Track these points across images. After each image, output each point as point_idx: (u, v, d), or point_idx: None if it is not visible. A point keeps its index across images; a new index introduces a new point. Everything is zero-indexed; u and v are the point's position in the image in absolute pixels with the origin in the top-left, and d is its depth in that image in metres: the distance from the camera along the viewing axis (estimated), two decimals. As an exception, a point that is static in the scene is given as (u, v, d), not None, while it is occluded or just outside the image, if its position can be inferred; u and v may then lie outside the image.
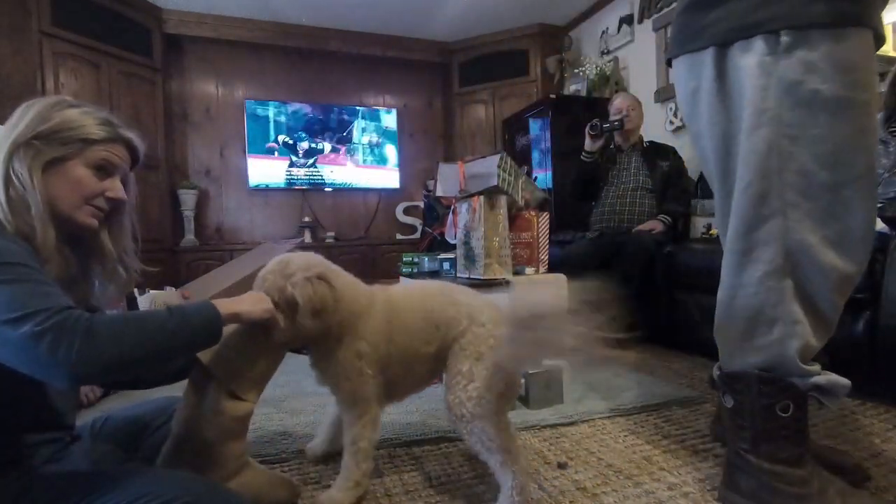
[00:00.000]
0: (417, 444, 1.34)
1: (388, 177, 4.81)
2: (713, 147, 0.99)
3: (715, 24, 0.95)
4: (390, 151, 4.81)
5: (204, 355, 0.92)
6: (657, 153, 2.77)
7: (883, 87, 1.84)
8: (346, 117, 4.65)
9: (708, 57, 0.96)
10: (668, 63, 1.14)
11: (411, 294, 1.11)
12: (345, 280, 1.05)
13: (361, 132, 4.71)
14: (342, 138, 4.65)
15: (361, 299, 1.04)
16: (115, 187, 0.86)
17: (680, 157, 2.78)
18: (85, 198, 0.83)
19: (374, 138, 4.75)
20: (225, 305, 0.85)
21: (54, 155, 0.80)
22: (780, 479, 0.93)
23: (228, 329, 0.91)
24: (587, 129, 2.70)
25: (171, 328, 0.75)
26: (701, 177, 2.81)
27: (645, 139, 2.85)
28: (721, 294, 1.01)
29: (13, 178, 0.77)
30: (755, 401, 0.95)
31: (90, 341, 0.66)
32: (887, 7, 2.37)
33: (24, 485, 0.75)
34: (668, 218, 2.58)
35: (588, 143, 2.73)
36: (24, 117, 0.80)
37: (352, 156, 4.69)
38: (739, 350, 0.98)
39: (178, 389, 1.29)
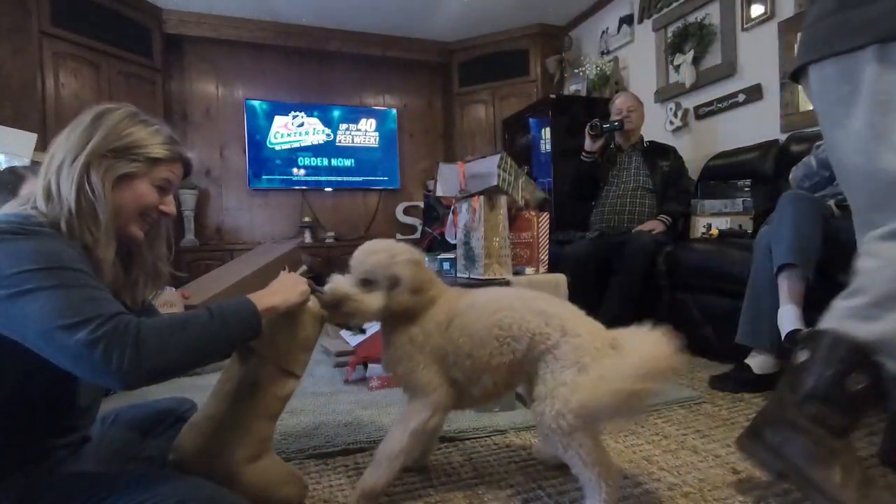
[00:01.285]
0: (417, 444, 1.34)
1: (388, 177, 4.81)
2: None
3: (881, 19, 0.87)
4: (390, 151, 4.81)
5: None
6: (657, 153, 2.77)
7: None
8: (346, 117, 4.66)
9: (868, 55, 0.88)
10: (795, 76, 1.06)
11: (481, 301, 1.07)
12: (430, 273, 1.10)
13: (361, 132, 4.71)
14: (342, 138, 4.65)
15: (434, 291, 1.07)
16: (168, 202, 0.92)
17: (680, 158, 2.78)
18: (143, 211, 0.87)
19: (374, 138, 4.75)
20: (262, 300, 0.88)
21: (125, 171, 0.83)
22: (813, 440, 0.90)
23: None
24: (587, 128, 2.70)
25: (213, 331, 0.79)
26: (701, 177, 2.81)
27: (645, 139, 2.85)
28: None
29: (87, 187, 0.79)
30: (833, 363, 0.91)
31: (139, 350, 0.68)
32: None
33: (32, 484, 0.76)
34: (668, 218, 2.58)
35: (588, 143, 2.73)
36: (97, 128, 0.82)
37: (352, 155, 4.69)
38: (862, 316, 0.92)
39: (185, 390, 1.29)
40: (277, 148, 4.45)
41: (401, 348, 1.04)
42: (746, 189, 2.47)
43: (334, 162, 4.65)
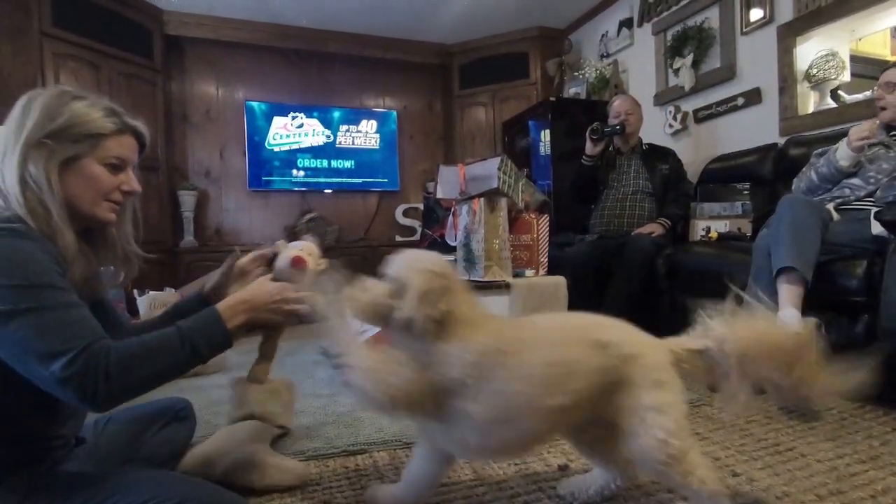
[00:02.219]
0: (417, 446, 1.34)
1: (387, 179, 4.81)
2: None
3: None
4: (390, 153, 4.82)
5: None
6: (657, 156, 2.77)
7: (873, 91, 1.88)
8: (345, 119, 4.66)
9: None
10: None
11: (543, 331, 0.90)
12: (467, 295, 0.88)
13: (361, 134, 4.72)
14: (342, 140, 4.66)
15: (475, 310, 0.87)
16: (129, 180, 0.86)
17: (679, 160, 2.79)
18: (103, 195, 0.83)
19: (374, 140, 4.76)
20: (233, 319, 0.85)
21: (68, 154, 0.78)
22: None
23: None
24: (588, 132, 2.70)
25: (181, 359, 0.78)
26: (700, 180, 2.82)
27: (644, 142, 2.85)
28: None
29: (29, 181, 0.75)
30: None
31: (109, 382, 0.69)
32: (881, 12, 2.37)
33: (32, 484, 0.76)
34: (667, 221, 2.59)
35: (589, 147, 2.73)
36: (29, 114, 0.77)
37: (351, 157, 4.70)
38: None
39: (181, 391, 1.29)
40: (277, 149, 4.46)
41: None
42: (745, 192, 2.48)
43: (334, 163, 4.65)
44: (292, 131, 4.49)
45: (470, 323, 0.83)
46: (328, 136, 4.61)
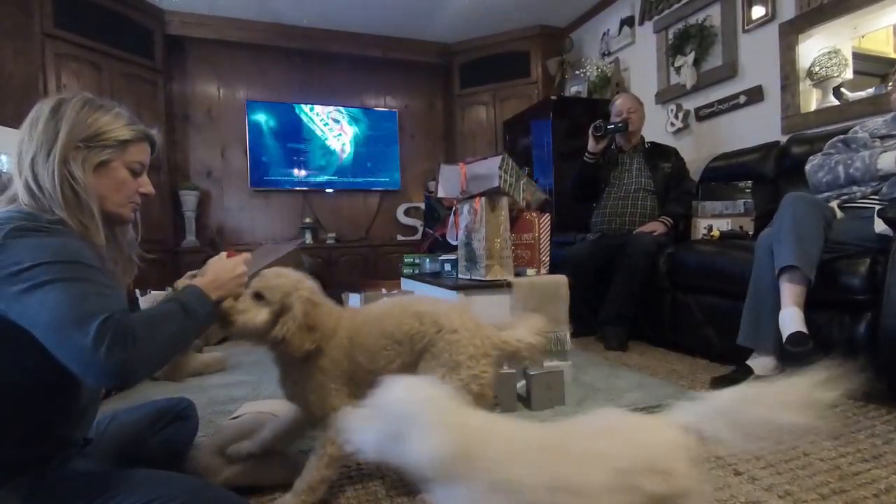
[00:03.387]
0: (419, 446, 1.34)
1: (388, 178, 4.81)
2: None
3: None
4: (391, 152, 4.81)
5: None
6: (659, 155, 2.77)
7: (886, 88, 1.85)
8: (345, 118, 4.66)
9: None
10: None
11: (372, 314, 1.09)
12: (326, 307, 1.05)
13: (362, 133, 4.72)
14: (342, 139, 4.66)
15: (331, 322, 1.04)
16: (145, 183, 0.94)
17: (681, 159, 2.78)
18: (128, 197, 0.91)
19: (375, 139, 4.76)
20: (212, 294, 0.90)
21: (101, 158, 0.86)
22: None
23: None
24: (591, 129, 2.70)
25: (188, 325, 0.83)
26: (702, 178, 2.81)
27: (646, 140, 2.85)
28: None
29: (69, 179, 0.81)
30: None
31: (135, 348, 0.72)
32: (884, 9, 2.36)
33: (38, 484, 0.76)
34: (669, 220, 2.58)
35: (591, 145, 2.73)
36: (60, 120, 0.83)
37: (352, 157, 4.70)
38: None
39: (182, 391, 1.29)
40: (278, 148, 4.46)
41: (311, 379, 1.02)
42: (747, 190, 2.47)
43: (334, 162, 4.65)
44: (294, 131, 4.48)
45: (330, 333, 1.02)
46: (327, 133, 4.61)
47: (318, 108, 4.57)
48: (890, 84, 1.83)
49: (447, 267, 2.08)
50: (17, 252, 0.71)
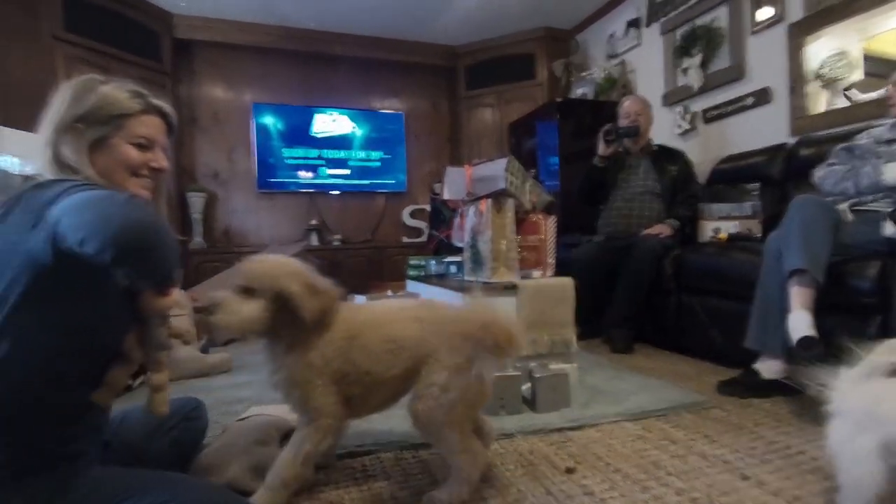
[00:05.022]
0: (424, 448, 1.34)
1: (394, 180, 4.82)
2: None
3: None
4: (397, 155, 4.83)
5: None
6: (666, 157, 2.75)
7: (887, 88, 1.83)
8: (351, 120, 4.68)
9: None
10: None
11: (376, 316, 1.08)
12: (325, 291, 1.02)
13: (368, 135, 4.73)
14: (349, 142, 4.67)
15: (332, 313, 1.03)
16: (157, 157, 0.90)
17: (689, 162, 2.76)
18: (132, 170, 0.87)
19: (381, 142, 4.77)
20: None
21: (97, 135, 0.83)
22: None
23: None
24: (602, 133, 2.69)
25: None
26: (709, 180, 2.80)
27: (654, 143, 2.84)
28: None
29: (63, 161, 0.81)
30: None
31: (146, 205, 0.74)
32: (893, 10, 2.33)
33: (59, 483, 0.77)
34: (676, 222, 2.57)
35: (601, 148, 2.72)
36: (61, 101, 0.83)
37: (358, 159, 4.71)
38: None
39: (190, 391, 1.30)
40: (284, 151, 4.48)
41: (298, 373, 0.99)
42: (755, 193, 2.46)
43: (340, 164, 4.67)
44: (300, 133, 4.51)
45: (327, 322, 1.01)
46: (333, 135, 4.63)
47: (323, 110, 4.59)
48: (890, 86, 1.80)
49: (453, 269, 2.08)
50: (42, 193, 0.72)
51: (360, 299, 2.38)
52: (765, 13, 2.77)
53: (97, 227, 0.67)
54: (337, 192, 4.68)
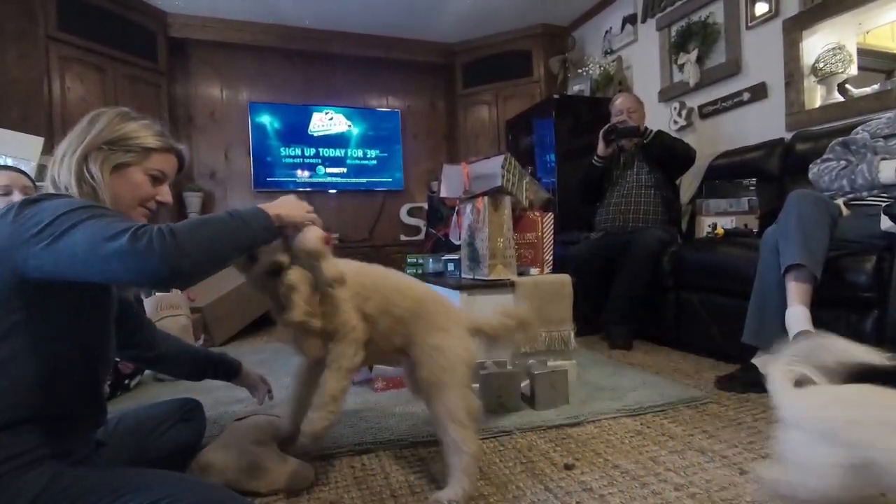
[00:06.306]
0: (423, 446, 1.34)
1: (391, 178, 4.81)
2: None
3: None
4: (394, 153, 4.82)
5: None
6: (648, 144, 2.73)
7: (890, 85, 1.82)
8: (348, 119, 4.67)
9: None
10: None
11: (375, 269, 1.18)
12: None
13: (365, 134, 4.72)
14: (345, 140, 4.66)
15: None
16: (164, 192, 0.97)
17: (661, 133, 2.72)
18: (140, 200, 0.94)
19: (378, 140, 4.76)
20: (270, 208, 0.92)
21: (121, 160, 0.90)
22: None
23: None
24: (602, 133, 2.68)
25: (235, 227, 0.84)
26: (706, 176, 2.80)
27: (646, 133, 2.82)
28: None
29: (87, 176, 0.86)
30: None
31: (176, 237, 0.73)
32: (888, 4, 2.34)
33: (53, 479, 0.77)
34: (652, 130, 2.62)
35: (601, 148, 2.71)
36: (94, 125, 0.90)
37: (355, 157, 4.70)
38: None
39: (189, 391, 1.30)
40: (281, 150, 4.47)
41: (324, 295, 1.03)
42: (752, 188, 2.46)
43: (338, 163, 4.66)
44: (297, 132, 4.49)
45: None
46: (330, 134, 4.62)
47: (320, 108, 4.58)
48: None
49: (450, 267, 2.08)
50: (34, 214, 0.75)
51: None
52: (760, 8, 2.77)
53: (124, 264, 0.72)
54: (334, 191, 4.67)
